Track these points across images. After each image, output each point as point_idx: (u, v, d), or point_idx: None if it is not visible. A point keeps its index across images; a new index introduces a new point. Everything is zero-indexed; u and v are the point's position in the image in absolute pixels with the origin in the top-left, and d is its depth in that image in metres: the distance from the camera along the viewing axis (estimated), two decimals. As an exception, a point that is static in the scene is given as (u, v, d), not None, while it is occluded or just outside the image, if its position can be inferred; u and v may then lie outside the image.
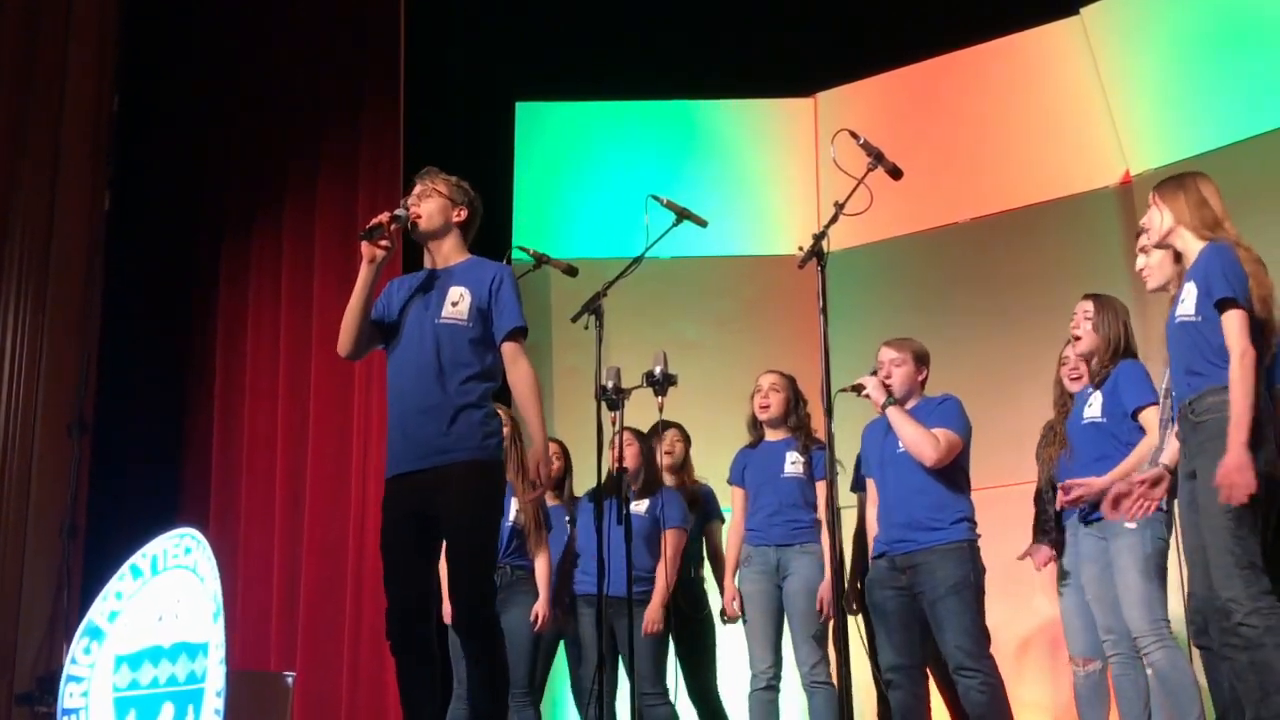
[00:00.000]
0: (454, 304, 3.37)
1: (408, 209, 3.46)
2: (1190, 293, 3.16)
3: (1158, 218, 3.29)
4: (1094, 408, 3.97)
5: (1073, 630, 4.18)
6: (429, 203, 3.47)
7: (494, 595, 3.36)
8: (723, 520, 4.99)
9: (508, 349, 3.39)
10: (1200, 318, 3.12)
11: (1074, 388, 4.26)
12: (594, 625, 4.28)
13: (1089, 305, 4.05)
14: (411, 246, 3.77)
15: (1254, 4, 5.65)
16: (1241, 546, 2.97)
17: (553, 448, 5.01)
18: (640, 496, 4.73)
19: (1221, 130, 5.55)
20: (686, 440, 5.10)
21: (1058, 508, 4.01)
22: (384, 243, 3.37)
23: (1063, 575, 4.30)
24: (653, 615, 4.63)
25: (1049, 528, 4.34)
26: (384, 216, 3.38)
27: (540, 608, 4.59)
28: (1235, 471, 2.96)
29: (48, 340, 6.20)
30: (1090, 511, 3.94)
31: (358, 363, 6.15)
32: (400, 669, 3.33)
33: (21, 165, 6.23)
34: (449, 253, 3.49)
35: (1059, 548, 4.26)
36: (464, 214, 3.50)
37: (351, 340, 3.42)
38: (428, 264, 3.53)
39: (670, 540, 4.73)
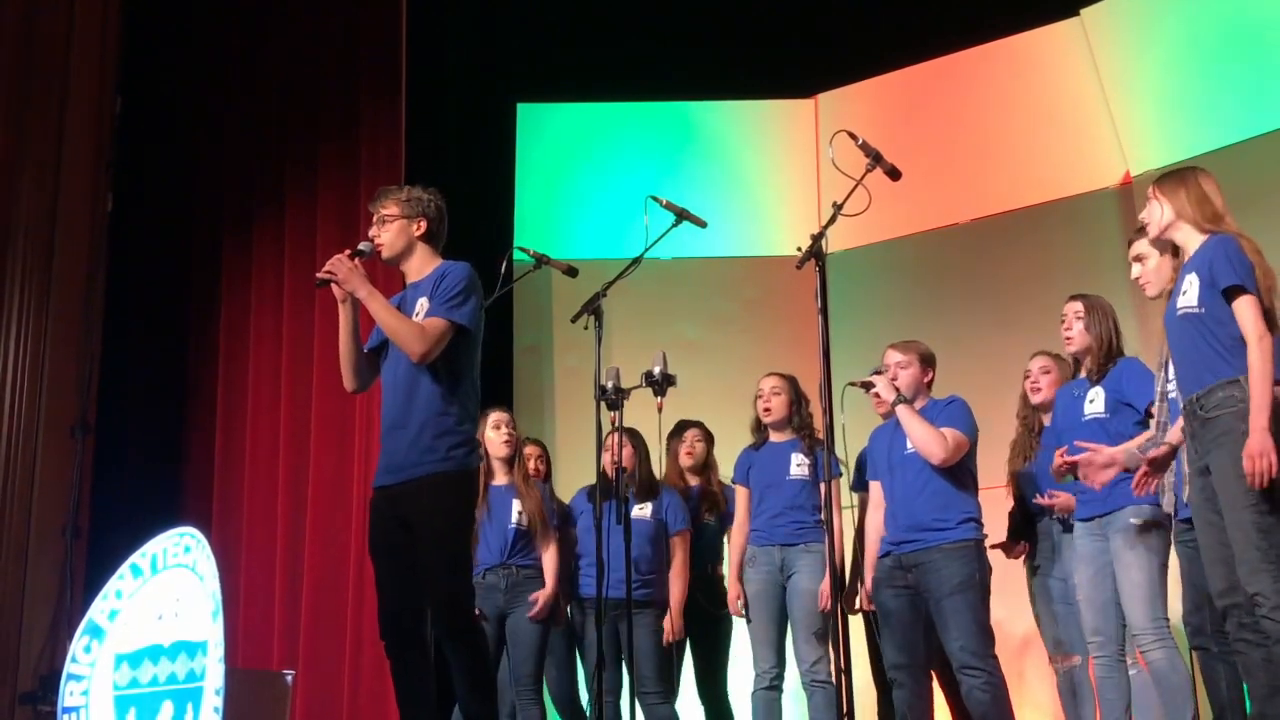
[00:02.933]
0: (417, 315, 3.41)
1: (372, 242, 3.50)
2: (1192, 284, 3.14)
3: (1158, 211, 3.27)
4: (1096, 404, 3.95)
5: (1047, 631, 4.24)
6: (386, 230, 3.51)
7: (470, 601, 3.41)
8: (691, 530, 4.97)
9: (428, 321, 3.35)
10: (1203, 309, 3.10)
11: (1035, 399, 4.35)
12: (595, 627, 4.29)
13: (1078, 305, 4.06)
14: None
15: (1253, 5, 5.66)
16: (1268, 540, 2.95)
17: (535, 450, 5.04)
18: (642, 499, 4.75)
19: (1221, 131, 5.55)
20: (709, 439, 5.10)
21: (1057, 465, 4.01)
22: (339, 295, 3.41)
23: (1033, 575, 4.34)
24: (676, 624, 4.68)
25: (1020, 533, 4.42)
26: (341, 258, 3.40)
27: (543, 594, 4.61)
28: (1259, 456, 2.95)
29: (50, 342, 6.21)
30: (1085, 510, 3.95)
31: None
32: (395, 671, 3.39)
33: (24, 168, 6.24)
34: (419, 266, 3.53)
35: (1032, 547, 4.34)
36: (423, 225, 3.52)
37: (350, 376, 3.52)
38: (406, 281, 3.58)
39: (679, 545, 4.79)
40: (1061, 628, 4.24)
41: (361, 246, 3.49)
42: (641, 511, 4.72)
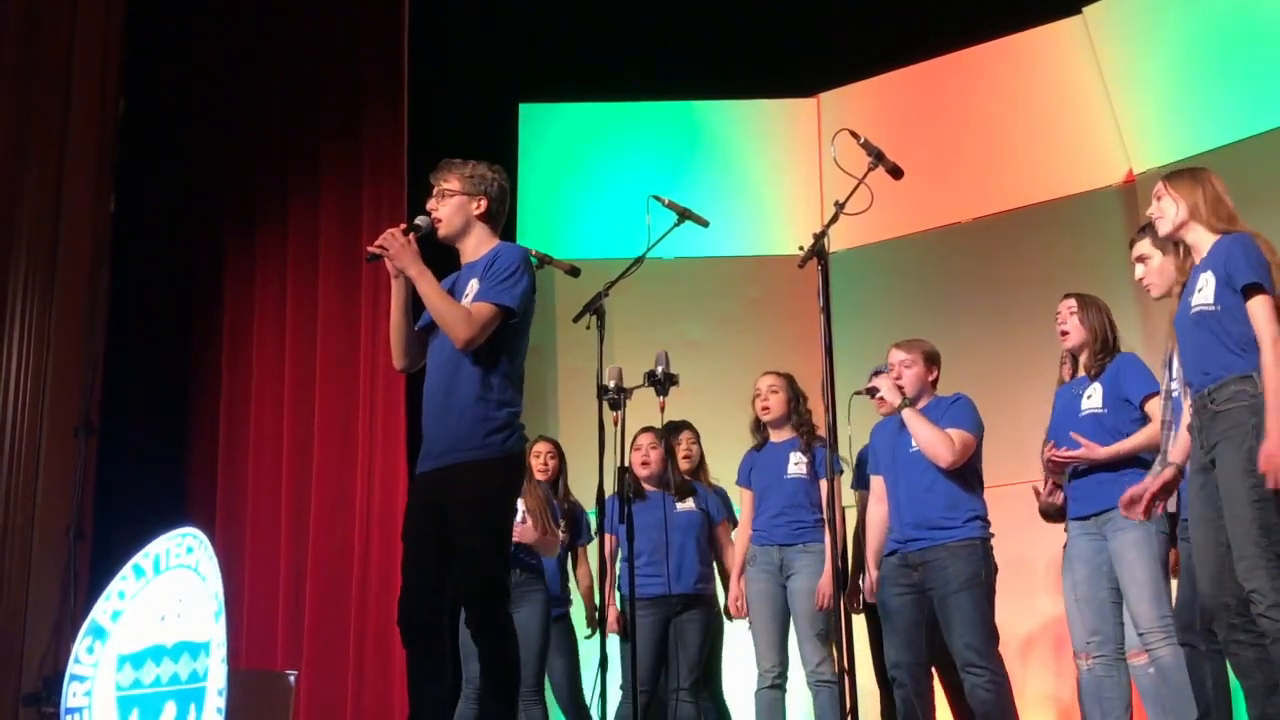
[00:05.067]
0: (467, 297, 3.32)
1: (430, 215, 3.40)
2: (1208, 282, 3.11)
3: (1171, 208, 3.23)
4: (1094, 399, 3.96)
5: (1076, 625, 4.20)
6: (445, 205, 3.40)
7: (505, 594, 3.29)
8: (735, 523, 4.99)
9: (475, 306, 3.26)
10: (1219, 307, 3.08)
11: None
12: (655, 626, 4.31)
13: (1071, 302, 4.08)
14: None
15: (1256, 2, 5.65)
16: (1269, 538, 2.93)
17: (547, 447, 5.03)
18: (682, 496, 4.79)
19: (1224, 128, 5.54)
20: (700, 442, 5.13)
21: (1047, 459, 4.00)
22: (391, 270, 3.33)
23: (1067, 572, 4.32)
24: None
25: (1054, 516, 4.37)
26: (394, 232, 3.31)
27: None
28: (1274, 457, 2.92)
29: (53, 342, 6.20)
30: (1082, 507, 3.94)
31: (361, 362, 6.19)
32: (409, 660, 3.30)
33: (27, 168, 6.24)
34: (475, 246, 3.41)
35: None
36: (483, 203, 3.40)
37: (399, 354, 3.43)
38: (461, 261, 3.47)
39: (725, 534, 4.87)
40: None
41: (418, 221, 3.38)
42: (685, 506, 4.76)
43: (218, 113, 6.83)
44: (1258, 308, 3.03)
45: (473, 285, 3.33)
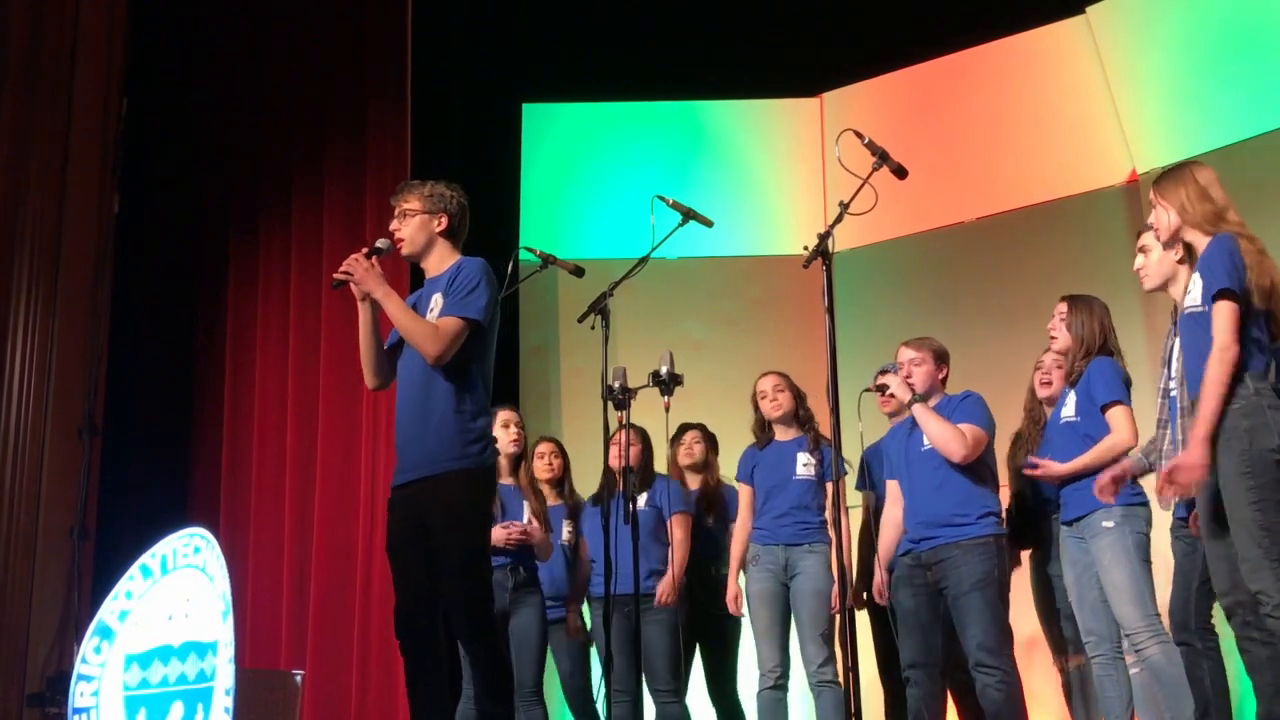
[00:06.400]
0: (432, 311, 3.41)
1: (392, 237, 3.49)
2: (1197, 284, 3.13)
3: (1164, 217, 3.25)
4: (1069, 407, 3.98)
5: (1051, 630, 4.26)
6: (407, 225, 3.50)
7: (489, 599, 3.37)
8: (689, 513, 4.96)
9: (442, 321, 3.35)
10: (1205, 309, 3.09)
11: (1042, 393, 4.32)
12: (603, 625, 4.29)
13: (1063, 306, 4.07)
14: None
15: (1259, 2, 5.65)
16: (1271, 538, 2.93)
17: (550, 447, 5.03)
18: (639, 490, 4.75)
19: (1228, 128, 5.54)
20: (708, 441, 5.10)
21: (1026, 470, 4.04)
22: (357, 294, 3.40)
23: (1037, 573, 4.35)
24: (664, 587, 4.65)
25: (1024, 536, 4.39)
26: (358, 257, 3.38)
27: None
28: (1185, 470, 2.99)
29: (57, 343, 6.22)
30: (1068, 512, 3.95)
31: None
32: (408, 668, 3.36)
33: (30, 168, 6.25)
34: (438, 263, 3.51)
35: (1038, 550, 4.34)
36: (444, 221, 3.50)
37: (371, 373, 3.50)
38: (426, 277, 3.57)
39: (678, 524, 4.78)
40: (1071, 627, 4.24)
41: (379, 244, 3.47)
42: (640, 504, 4.72)
43: (221, 113, 6.84)
44: (1218, 313, 3.03)
45: (437, 300, 3.41)
